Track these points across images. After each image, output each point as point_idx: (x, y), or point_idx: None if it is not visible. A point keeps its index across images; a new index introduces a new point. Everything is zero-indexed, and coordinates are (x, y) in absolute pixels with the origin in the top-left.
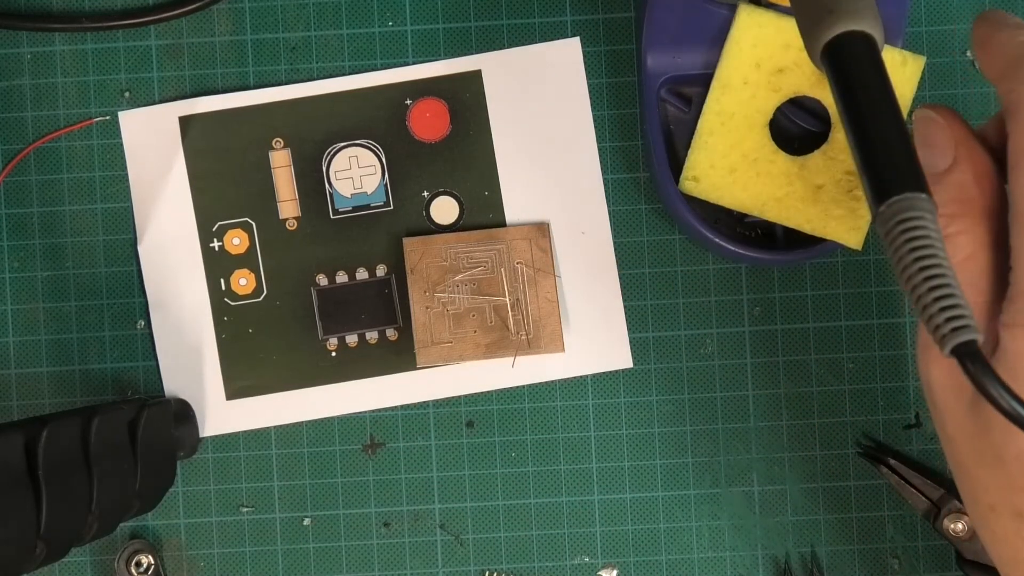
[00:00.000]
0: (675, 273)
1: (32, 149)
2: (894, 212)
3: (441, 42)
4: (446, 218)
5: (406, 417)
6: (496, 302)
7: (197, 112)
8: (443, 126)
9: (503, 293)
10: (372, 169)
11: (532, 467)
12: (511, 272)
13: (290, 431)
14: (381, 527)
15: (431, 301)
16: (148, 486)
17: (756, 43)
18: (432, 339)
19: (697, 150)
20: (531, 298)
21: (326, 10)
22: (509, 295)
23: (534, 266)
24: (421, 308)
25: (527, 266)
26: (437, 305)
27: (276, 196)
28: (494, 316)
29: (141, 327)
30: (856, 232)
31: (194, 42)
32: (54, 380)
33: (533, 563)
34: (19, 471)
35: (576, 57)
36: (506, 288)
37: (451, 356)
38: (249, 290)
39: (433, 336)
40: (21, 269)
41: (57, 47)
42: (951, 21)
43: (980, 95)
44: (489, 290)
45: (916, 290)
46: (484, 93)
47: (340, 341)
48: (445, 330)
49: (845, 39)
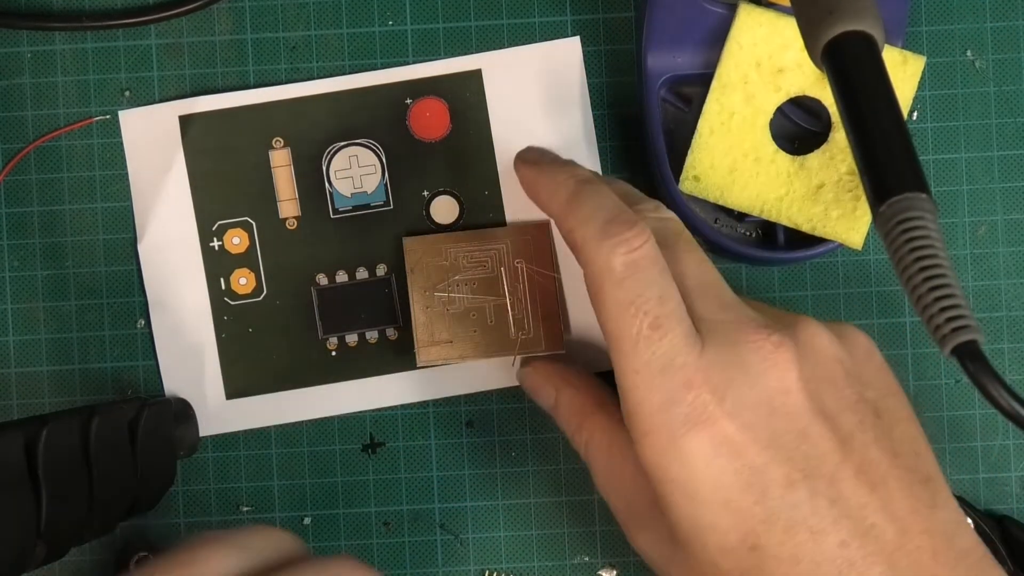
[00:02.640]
0: None
1: (32, 148)
2: (894, 212)
3: (441, 42)
4: (446, 218)
5: (406, 417)
6: (496, 302)
7: (197, 111)
8: (443, 125)
9: (503, 293)
10: (372, 168)
11: (532, 467)
12: (511, 271)
13: (290, 431)
14: (381, 527)
15: (431, 301)
16: (148, 486)
17: (756, 43)
18: (432, 339)
19: (697, 150)
20: (531, 298)
21: (326, 9)
22: (509, 295)
23: (535, 265)
24: (421, 308)
25: (527, 265)
26: (437, 305)
27: (276, 195)
28: (494, 316)
29: (141, 326)
30: (856, 232)
31: (194, 41)
32: (54, 379)
33: (533, 563)
34: (19, 471)
35: (576, 56)
36: (506, 288)
37: (451, 355)
38: (249, 289)
39: (433, 336)
40: (21, 268)
41: (57, 46)
42: (951, 21)
43: (980, 95)
44: (489, 290)
45: (916, 290)
46: (484, 92)
47: (340, 340)
48: (445, 330)
49: (845, 39)
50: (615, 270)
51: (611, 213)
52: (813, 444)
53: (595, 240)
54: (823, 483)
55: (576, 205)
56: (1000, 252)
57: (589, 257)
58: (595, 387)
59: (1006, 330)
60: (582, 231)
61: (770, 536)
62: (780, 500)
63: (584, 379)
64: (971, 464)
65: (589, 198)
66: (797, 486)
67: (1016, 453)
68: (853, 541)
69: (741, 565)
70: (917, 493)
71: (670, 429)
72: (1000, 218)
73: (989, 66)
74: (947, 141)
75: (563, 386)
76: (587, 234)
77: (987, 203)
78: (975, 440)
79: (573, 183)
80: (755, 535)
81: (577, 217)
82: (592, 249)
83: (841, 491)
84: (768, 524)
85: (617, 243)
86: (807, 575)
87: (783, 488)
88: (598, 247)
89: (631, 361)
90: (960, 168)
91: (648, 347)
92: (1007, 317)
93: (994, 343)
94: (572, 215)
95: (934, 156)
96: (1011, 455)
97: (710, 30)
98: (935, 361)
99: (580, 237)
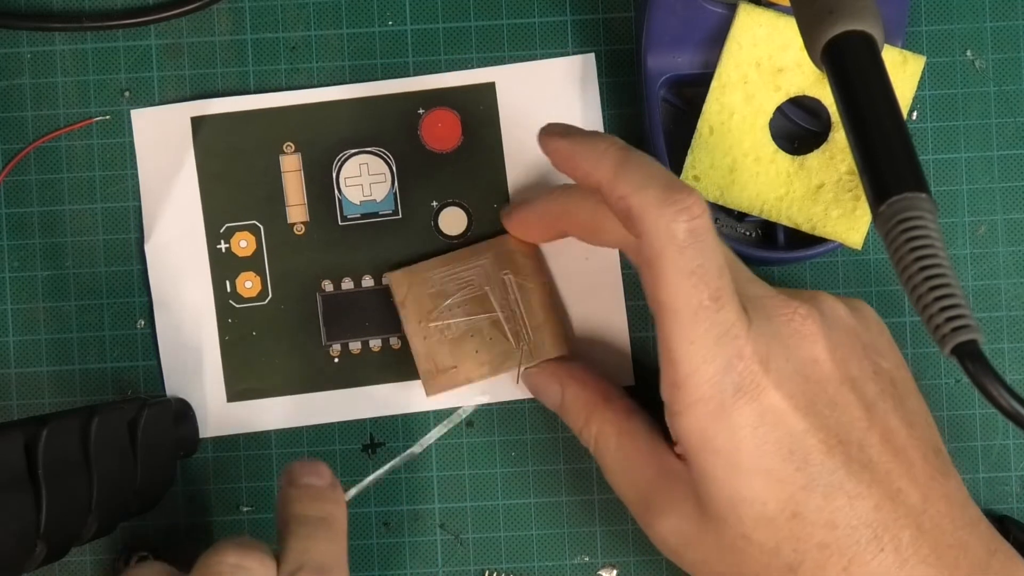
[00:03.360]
0: None
1: (32, 148)
2: (894, 212)
3: (441, 42)
4: (454, 229)
5: (406, 417)
6: (491, 318)
7: (209, 113)
8: (455, 137)
9: (495, 308)
10: (382, 177)
11: (532, 467)
12: (499, 285)
13: (290, 431)
14: (381, 527)
15: (427, 330)
16: (148, 486)
17: (756, 43)
18: (436, 367)
19: (697, 149)
20: (525, 307)
21: (326, 10)
22: (501, 309)
23: (521, 274)
24: (419, 339)
25: (514, 276)
26: (434, 333)
27: (285, 200)
28: (492, 332)
29: (141, 326)
30: (856, 232)
31: (194, 42)
32: (54, 380)
33: (533, 563)
34: (19, 471)
35: (591, 73)
36: (496, 303)
37: (458, 380)
38: (254, 293)
39: (437, 364)
40: (21, 269)
41: (57, 47)
42: (951, 21)
43: (980, 95)
44: (482, 307)
45: (916, 290)
46: (497, 105)
47: (343, 347)
48: (447, 356)
49: (845, 39)
50: (678, 237)
51: (667, 179)
52: (843, 410)
53: (655, 207)
54: (855, 448)
55: (627, 171)
56: (1000, 252)
57: (648, 224)
58: (599, 382)
59: (1006, 330)
60: (638, 197)
61: (809, 502)
62: (820, 466)
63: (588, 375)
64: (971, 464)
65: (640, 164)
66: (834, 451)
67: (1016, 453)
68: (885, 504)
69: (777, 535)
70: (932, 461)
71: (721, 399)
72: (1000, 218)
73: (989, 66)
74: (947, 141)
75: (568, 383)
76: (645, 200)
77: (987, 203)
78: (975, 440)
79: (616, 150)
80: (795, 502)
81: (630, 183)
82: (652, 216)
83: (871, 456)
84: (808, 491)
85: (679, 210)
86: (843, 539)
87: (823, 454)
88: (659, 213)
89: (688, 331)
90: (960, 168)
91: (707, 317)
92: (1007, 317)
93: (994, 343)
94: (624, 181)
95: (934, 156)
96: (1011, 455)
97: (710, 30)
98: (935, 361)
99: (637, 203)
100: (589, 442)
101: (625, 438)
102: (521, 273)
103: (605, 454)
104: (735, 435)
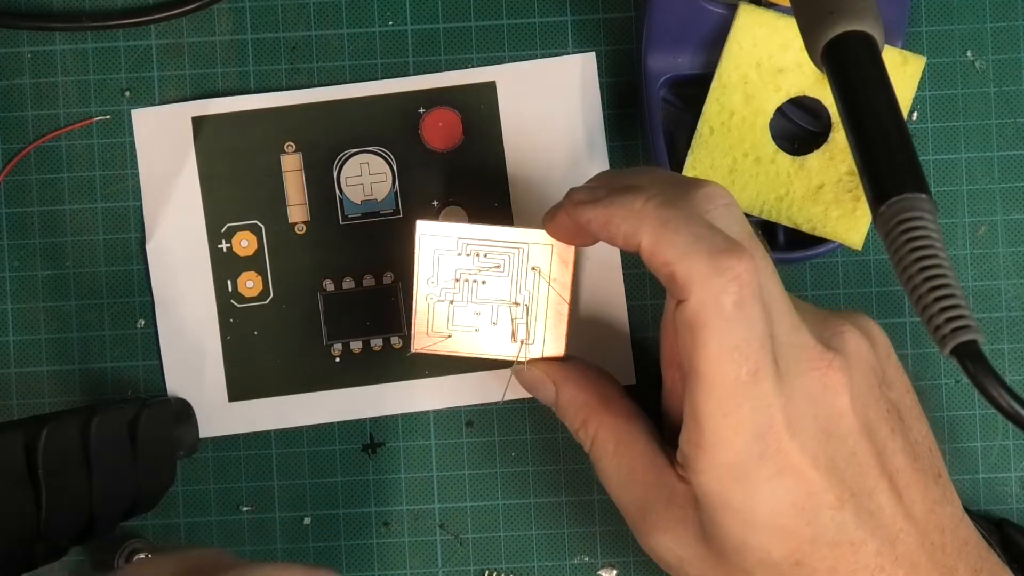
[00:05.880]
0: None
1: (32, 148)
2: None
3: (441, 42)
4: None
5: (406, 417)
6: (503, 304)
7: (210, 113)
8: (455, 136)
9: (510, 296)
10: (383, 176)
11: (532, 467)
12: (523, 276)
13: (290, 431)
14: (381, 527)
15: (435, 291)
16: (148, 486)
17: (756, 43)
18: (429, 329)
19: (697, 149)
20: (539, 307)
21: (326, 10)
22: (517, 299)
23: (550, 276)
24: (423, 296)
25: (542, 274)
26: (441, 296)
27: (286, 200)
28: (498, 317)
29: (141, 326)
30: (856, 232)
31: (194, 41)
32: (54, 379)
33: (533, 563)
34: (19, 471)
35: (592, 72)
36: (514, 291)
37: (447, 348)
38: (255, 293)
39: (431, 326)
40: (21, 268)
41: (57, 46)
42: (951, 21)
43: (980, 95)
44: (498, 290)
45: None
46: (498, 105)
47: (344, 347)
48: (443, 324)
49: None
50: (725, 309)
51: (712, 241)
52: (859, 462)
53: (703, 276)
54: (865, 498)
55: (669, 234)
56: (1000, 252)
57: (695, 293)
58: (598, 382)
59: (1006, 330)
60: (684, 265)
61: (814, 553)
62: (830, 520)
63: (585, 374)
64: (971, 464)
65: (683, 224)
66: (846, 505)
67: (1016, 453)
68: (884, 548)
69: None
70: (932, 493)
71: (745, 467)
72: (1000, 218)
73: (989, 66)
74: (947, 141)
75: (563, 383)
76: (692, 269)
77: (987, 203)
78: (975, 440)
79: (654, 207)
80: (800, 552)
81: (675, 248)
82: (698, 285)
83: (878, 503)
84: (814, 543)
85: (728, 280)
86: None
87: (834, 510)
88: (707, 283)
89: (723, 404)
90: (960, 168)
91: (743, 392)
92: (1007, 317)
93: (994, 343)
94: (667, 245)
95: (934, 156)
96: (1011, 455)
97: (710, 30)
98: (935, 361)
99: (683, 271)
100: (585, 443)
101: (623, 446)
102: (551, 275)
103: (601, 458)
104: (754, 496)
